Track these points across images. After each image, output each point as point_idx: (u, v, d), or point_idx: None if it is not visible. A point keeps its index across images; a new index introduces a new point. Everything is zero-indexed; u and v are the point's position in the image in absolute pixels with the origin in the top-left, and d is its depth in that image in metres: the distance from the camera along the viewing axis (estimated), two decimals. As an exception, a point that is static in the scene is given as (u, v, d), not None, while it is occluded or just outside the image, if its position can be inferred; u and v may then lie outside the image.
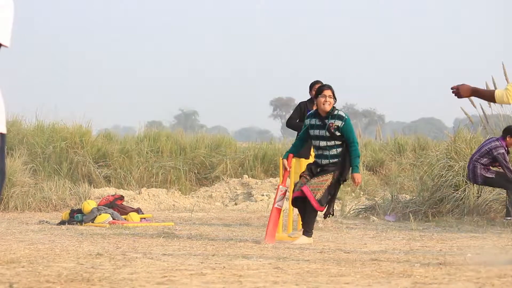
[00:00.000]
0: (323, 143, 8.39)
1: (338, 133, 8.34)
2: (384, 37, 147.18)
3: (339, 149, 8.37)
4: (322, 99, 8.38)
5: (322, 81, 10.35)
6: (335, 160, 8.38)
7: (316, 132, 8.42)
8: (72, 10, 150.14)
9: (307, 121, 8.53)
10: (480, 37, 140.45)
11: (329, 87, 8.46)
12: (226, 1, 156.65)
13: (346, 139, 8.36)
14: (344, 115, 8.35)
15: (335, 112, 8.39)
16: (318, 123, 8.42)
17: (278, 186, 8.65)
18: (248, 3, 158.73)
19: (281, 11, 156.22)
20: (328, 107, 8.36)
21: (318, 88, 8.63)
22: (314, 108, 8.94)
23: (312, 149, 10.07)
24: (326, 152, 8.39)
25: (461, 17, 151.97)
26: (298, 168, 9.87)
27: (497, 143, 11.30)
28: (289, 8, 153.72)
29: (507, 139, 11.31)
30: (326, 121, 8.36)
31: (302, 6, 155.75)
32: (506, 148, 11.30)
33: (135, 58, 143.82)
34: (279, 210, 8.56)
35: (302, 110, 10.39)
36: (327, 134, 8.36)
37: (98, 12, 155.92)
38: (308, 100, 10.47)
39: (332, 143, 8.37)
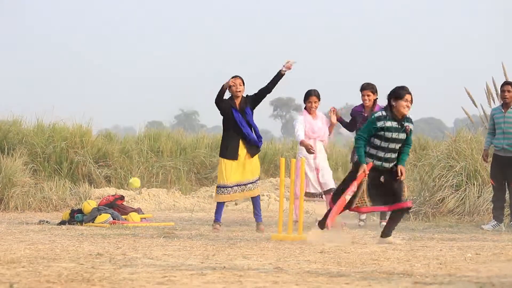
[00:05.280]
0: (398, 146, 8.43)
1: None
2: (384, 37, 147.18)
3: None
4: (403, 103, 8.30)
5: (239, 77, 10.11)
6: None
7: (395, 135, 8.37)
8: (72, 9, 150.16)
9: (380, 123, 8.33)
10: (480, 37, 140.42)
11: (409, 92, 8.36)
12: (226, 1, 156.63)
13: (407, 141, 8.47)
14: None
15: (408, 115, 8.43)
16: (395, 125, 8.36)
17: (353, 182, 8.41)
18: (247, 3, 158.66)
19: (281, 10, 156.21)
20: (406, 111, 8.32)
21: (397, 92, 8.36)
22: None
23: (244, 148, 10.05)
24: (394, 156, 8.44)
25: (462, 17, 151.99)
26: (225, 168, 10.07)
27: None
28: (288, 7, 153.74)
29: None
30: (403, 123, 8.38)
31: (302, 6, 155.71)
32: None
33: (135, 58, 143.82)
34: (344, 201, 8.42)
35: (228, 108, 10.15)
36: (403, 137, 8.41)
37: (98, 12, 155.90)
38: (230, 97, 10.20)
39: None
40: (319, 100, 10.76)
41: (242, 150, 10.12)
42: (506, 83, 10.83)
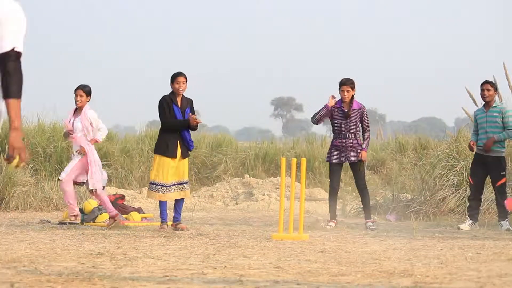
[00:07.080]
0: None
1: None
2: (384, 37, 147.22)
3: None
4: None
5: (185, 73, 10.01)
6: None
7: None
8: (72, 10, 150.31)
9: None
10: (481, 37, 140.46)
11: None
12: (226, 1, 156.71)
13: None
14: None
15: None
16: None
17: None
18: (248, 3, 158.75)
19: (281, 11, 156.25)
20: None
21: None
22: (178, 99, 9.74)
23: (179, 148, 9.92)
24: None
25: (462, 17, 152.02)
26: (161, 166, 9.86)
27: None
28: (289, 9, 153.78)
29: None
30: None
31: (302, 6, 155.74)
32: None
33: (136, 58, 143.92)
34: None
35: (169, 104, 9.99)
36: None
37: (98, 12, 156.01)
38: (170, 93, 10.05)
39: None
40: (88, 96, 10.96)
41: (178, 149, 9.97)
42: (485, 82, 10.80)
